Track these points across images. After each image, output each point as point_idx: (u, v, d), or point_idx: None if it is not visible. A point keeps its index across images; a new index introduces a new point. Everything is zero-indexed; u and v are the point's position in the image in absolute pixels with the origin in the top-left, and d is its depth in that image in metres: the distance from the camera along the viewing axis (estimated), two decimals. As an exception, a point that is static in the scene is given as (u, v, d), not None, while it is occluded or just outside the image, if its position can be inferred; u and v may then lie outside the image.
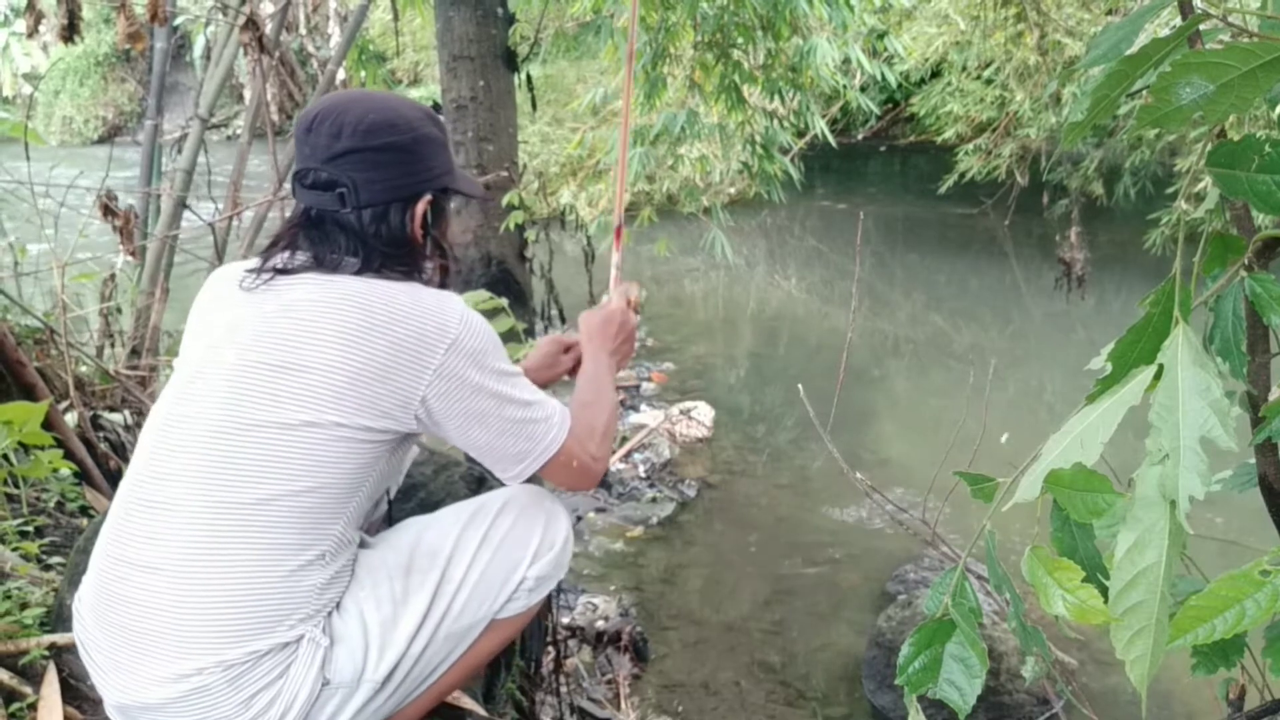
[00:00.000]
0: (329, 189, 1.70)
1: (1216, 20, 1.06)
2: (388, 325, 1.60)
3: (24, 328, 3.40)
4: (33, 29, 3.71)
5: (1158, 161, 9.28)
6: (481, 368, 1.66)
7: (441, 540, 1.81)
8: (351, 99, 1.74)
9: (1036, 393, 6.95)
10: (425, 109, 1.84)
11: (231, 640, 1.55)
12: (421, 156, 1.75)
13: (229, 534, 1.56)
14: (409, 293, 1.66)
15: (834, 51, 4.66)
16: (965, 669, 1.22)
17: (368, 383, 1.59)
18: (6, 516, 2.60)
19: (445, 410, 1.66)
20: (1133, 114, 1.12)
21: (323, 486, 1.61)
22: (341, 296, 1.63)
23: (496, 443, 1.72)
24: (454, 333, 1.64)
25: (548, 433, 1.76)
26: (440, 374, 1.63)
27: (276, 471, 1.58)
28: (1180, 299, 1.12)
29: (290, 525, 1.59)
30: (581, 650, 3.81)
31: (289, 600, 1.60)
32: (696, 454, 5.89)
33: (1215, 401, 1.03)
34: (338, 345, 1.59)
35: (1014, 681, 3.53)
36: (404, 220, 1.75)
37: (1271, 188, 1.01)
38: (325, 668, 1.63)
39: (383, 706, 1.75)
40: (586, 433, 1.85)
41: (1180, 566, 1.09)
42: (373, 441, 1.64)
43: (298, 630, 1.61)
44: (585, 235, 4.26)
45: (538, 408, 1.76)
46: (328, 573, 1.65)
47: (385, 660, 1.69)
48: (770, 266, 10.88)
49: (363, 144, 1.69)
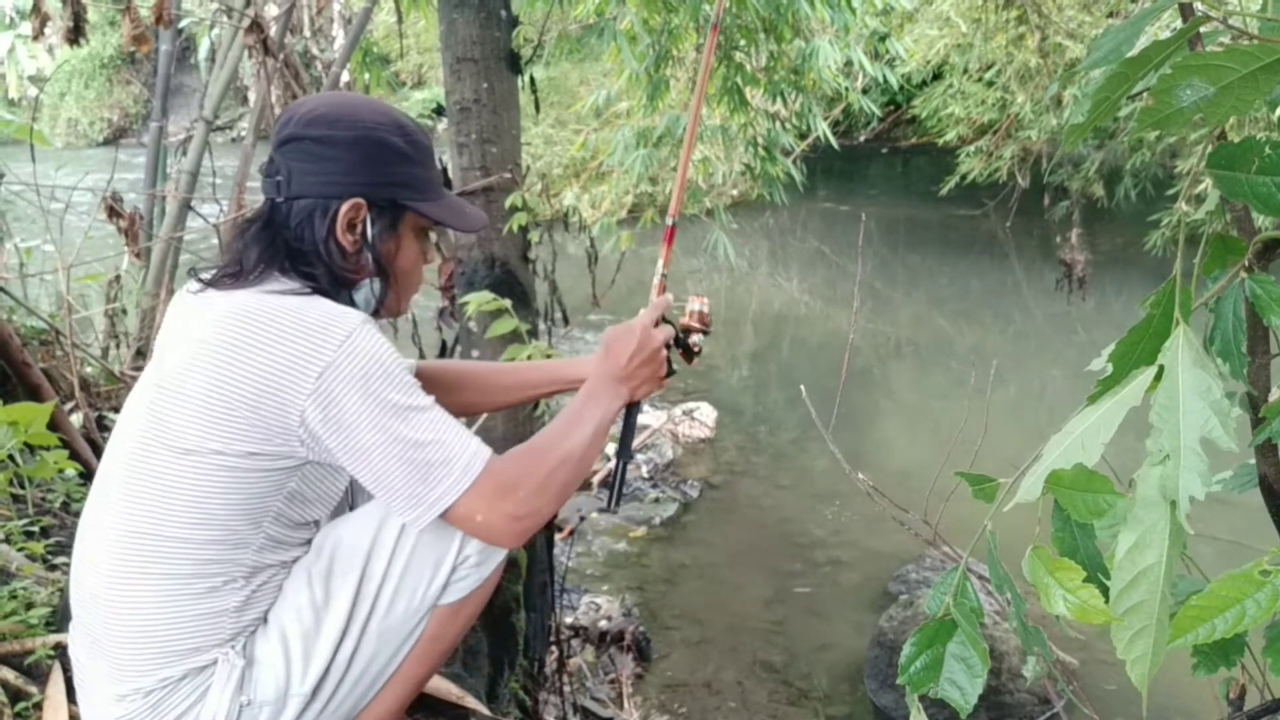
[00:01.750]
0: (273, 176, 1.63)
1: (1217, 23, 1.06)
2: (264, 345, 1.49)
3: (30, 329, 3.41)
4: (39, 31, 3.72)
5: (1158, 163, 9.28)
6: (366, 395, 1.49)
7: (359, 537, 1.68)
8: (323, 95, 1.68)
9: (1037, 393, 6.96)
10: (400, 119, 1.71)
11: (148, 667, 1.56)
12: (365, 158, 1.63)
13: (136, 563, 1.54)
14: (298, 309, 1.52)
15: (836, 54, 4.66)
16: (967, 668, 1.21)
17: (240, 408, 1.48)
18: (12, 516, 2.62)
19: (330, 439, 1.51)
20: (1133, 116, 1.12)
21: (213, 518, 1.53)
22: (227, 314, 1.53)
23: (385, 482, 1.53)
24: (330, 356, 1.48)
25: (444, 479, 1.54)
26: (317, 399, 1.48)
27: (169, 502, 1.52)
28: (1181, 300, 1.11)
29: (188, 556, 1.53)
30: (584, 650, 3.82)
31: (199, 627, 1.56)
32: (699, 454, 5.90)
33: (1216, 402, 1.02)
34: (213, 368, 1.49)
35: (1015, 681, 3.55)
36: (329, 221, 1.62)
37: (1272, 189, 1.01)
38: (244, 688, 1.59)
39: (331, 713, 1.70)
40: (506, 486, 1.58)
41: (1181, 567, 1.09)
42: (264, 470, 1.54)
43: (211, 654, 1.58)
44: (588, 237, 4.26)
45: (435, 449, 1.53)
46: (241, 596, 1.59)
47: (311, 671, 1.63)
48: (772, 268, 10.88)
49: (303, 132, 1.61)
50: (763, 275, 10.55)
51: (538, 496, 1.60)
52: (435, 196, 1.74)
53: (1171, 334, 1.10)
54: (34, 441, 2.46)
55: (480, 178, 3.03)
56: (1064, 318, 8.26)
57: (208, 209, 4.45)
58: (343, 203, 1.62)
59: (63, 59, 19.97)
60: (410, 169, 1.68)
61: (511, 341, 2.69)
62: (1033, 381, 7.13)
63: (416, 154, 1.70)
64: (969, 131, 11.43)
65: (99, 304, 4.10)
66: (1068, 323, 8.25)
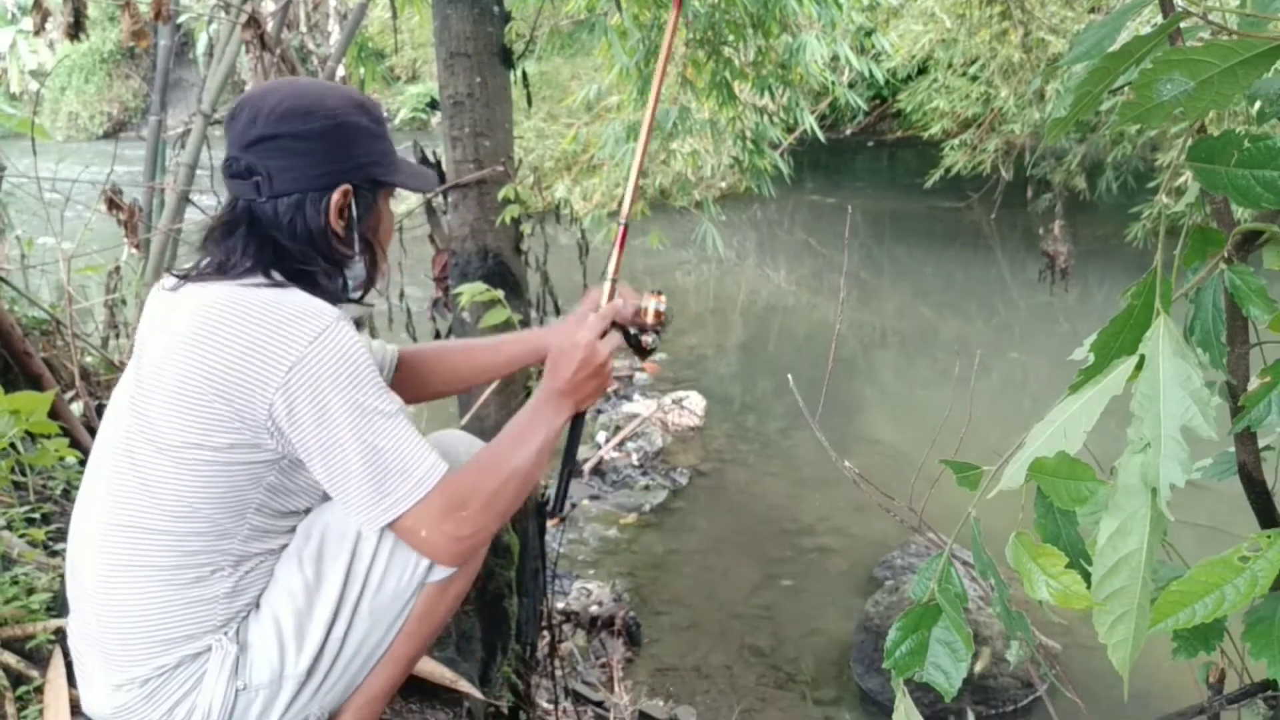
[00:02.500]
0: (247, 177, 1.60)
1: (1197, 18, 1.07)
2: (236, 337, 1.49)
3: (31, 319, 3.42)
4: (39, 26, 3.72)
5: (1139, 156, 9.31)
6: (333, 394, 1.48)
7: (347, 519, 1.65)
8: (275, 86, 1.65)
9: (1020, 382, 7.00)
10: (357, 98, 1.70)
11: (141, 657, 1.58)
12: (341, 145, 1.63)
13: (123, 556, 1.56)
14: (273, 301, 1.53)
15: (823, 48, 4.69)
16: (951, 653, 1.23)
17: (214, 399, 1.48)
18: (14, 503, 2.63)
19: (293, 433, 1.50)
20: (1115, 110, 1.14)
21: (196, 511, 1.54)
22: (204, 306, 1.53)
23: (340, 482, 1.53)
24: (299, 351, 1.47)
25: (396, 488, 1.52)
26: (285, 392, 1.47)
27: (152, 496, 1.53)
28: (1161, 291, 1.13)
29: (172, 548, 1.55)
30: (576, 635, 3.85)
31: (190, 614, 1.58)
32: (688, 442, 5.93)
33: (1195, 391, 1.04)
34: (188, 360, 1.50)
35: (999, 665, 3.59)
36: (319, 212, 1.62)
37: (1250, 182, 1.02)
38: (239, 673, 1.61)
39: (325, 694, 1.71)
40: (452, 505, 1.56)
41: (1161, 553, 1.09)
42: (243, 462, 1.54)
43: (204, 641, 1.59)
44: (579, 229, 4.29)
45: (393, 456, 1.52)
46: (230, 583, 1.60)
47: (305, 653, 1.64)
48: (760, 259, 10.90)
49: (276, 130, 1.59)
50: (751, 266, 10.57)
51: (482, 515, 1.60)
52: (398, 163, 1.76)
53: (1152, 324, 1.11)
54: (35, 429, 2.47)
55: (474, 170, 3.05)
56: (1047, 308, 8.30)
57: (206, 201, 4.45)
58: (333, 192, 1.62)
59: (63, 54, 19.81)
60: (378, 145, 1.69)
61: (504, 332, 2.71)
62: (1016, 371, 7.17)
63: (379, 129, 1.71)
64: (953, 125, 11.44)
65: (99, 295, 4.10)
66: (1050, 313, 8.29)
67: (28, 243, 3.77)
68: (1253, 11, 1.10)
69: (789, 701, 3.64)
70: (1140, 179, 9.18)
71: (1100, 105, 1.13)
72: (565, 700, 3.29)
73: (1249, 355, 1.31)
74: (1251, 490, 1.40)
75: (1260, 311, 1.18)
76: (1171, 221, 1.38)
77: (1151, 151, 9.25)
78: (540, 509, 3.04)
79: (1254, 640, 1.22)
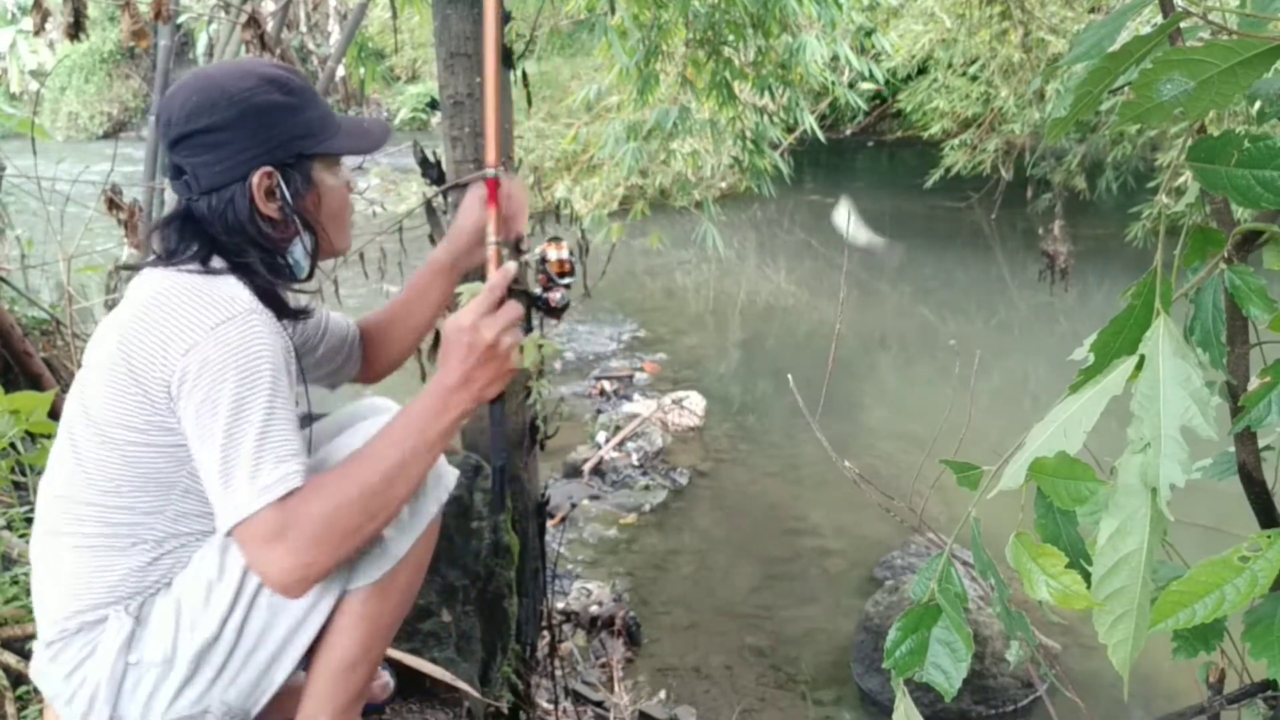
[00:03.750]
0: (178, 177, 1.62)
1: (1197, 18, 1.07)
2: (152, 320, 1.50)
3: (31, 319, 3.43)
4: (39, 26, 3.72)
5: (1139, 156, 9.31)
6: (215, 384, 1.45)
7: None
8: (183, 84, 1.63)
9: (1021, 382, 7.00)
10: (268, 73, 1.65)
11: (49, 619, 1.63)
12: (256, 128, 1.60)
13: (52, 523, 1.63)
14: (190, 289, 1.53)
15: (823, 49, 4.69)
16: (951, 653, 1.22)
17: (130, 380, 1.50)
18: (14, 504, 2.63)
19: (183, 419, 1.50)
20: (1115, 110, 1.13)
21: (121, 487, 1.56)
22: (139, 293, 1.58)
23: (205, 477, 1.49)
24: (196, 337, 1.47)
25: (235, 494, 1.45)
26: (179, 375, 1.47)
27: (83, 470, 1.57)
28: (1161, 291, 1.12)
29: (97, 519, 1.58)
30: (575, 635, 3.86)
31: (96, 583, 1.60)
32: (688, 442, 5.93)
33: (1195, 391, 1.03)
34: (112, 345, 1.53)
35: (999, 665, 3.59)
36: (247, 201, 1.60)
37: (1250, 182, 1.01)
38: (132, 648, 1.60)
39: (225, 686, 1.66)
40: (283, 524, 1.44)
41: (1161, 553, 1.09)
42: (163, 445, 1.54)
43: (102, 611, 1.60)
44: (580, 228, 4.30)
45: (245, 460, 1.45)
46: (146, 558, 1.61)
47: (198, 635, 1.60)
48: (760, 259, 10.90)
49: (188, 128, 1.58)
50: (751, 266, 10.57)
51: (313, 546, 1.46)
52: (333, 130, 1.70)
53: (1152, 324, 1.10)
54: (35, 429, 2.48)
55: (474, 170, 3.04)
56: (1047, 308, 8.31)
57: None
58: (251, 178, 1.60)
59: (63, 54, 19.86)
60: (299, 117, 1.65)
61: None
62: (1016, 371, 7.18)
63: (300, 100, 1.66)
64: (953, 125, 11.45)
65: (99, 294, 4.11)
66: (1050, 313, 8.30)
67: (27, 243, 3.76)
68: (1253, 11, 1.10)
69: (789, 701, 3.64)
70: (1140, 179, 9.18)
71: (1100, 105, 1.13)
72: (565, 700, 3.29)
73: (1249, 355, 1.31)
74: (1251, 490, 1.40)
75: (1260, 311, 1.18)
76: (1171, 221, 1.38)
77: (1151, 151, 9.25)
78: (540, 509, 3.05)
79: (1254, 640, 1.21)
